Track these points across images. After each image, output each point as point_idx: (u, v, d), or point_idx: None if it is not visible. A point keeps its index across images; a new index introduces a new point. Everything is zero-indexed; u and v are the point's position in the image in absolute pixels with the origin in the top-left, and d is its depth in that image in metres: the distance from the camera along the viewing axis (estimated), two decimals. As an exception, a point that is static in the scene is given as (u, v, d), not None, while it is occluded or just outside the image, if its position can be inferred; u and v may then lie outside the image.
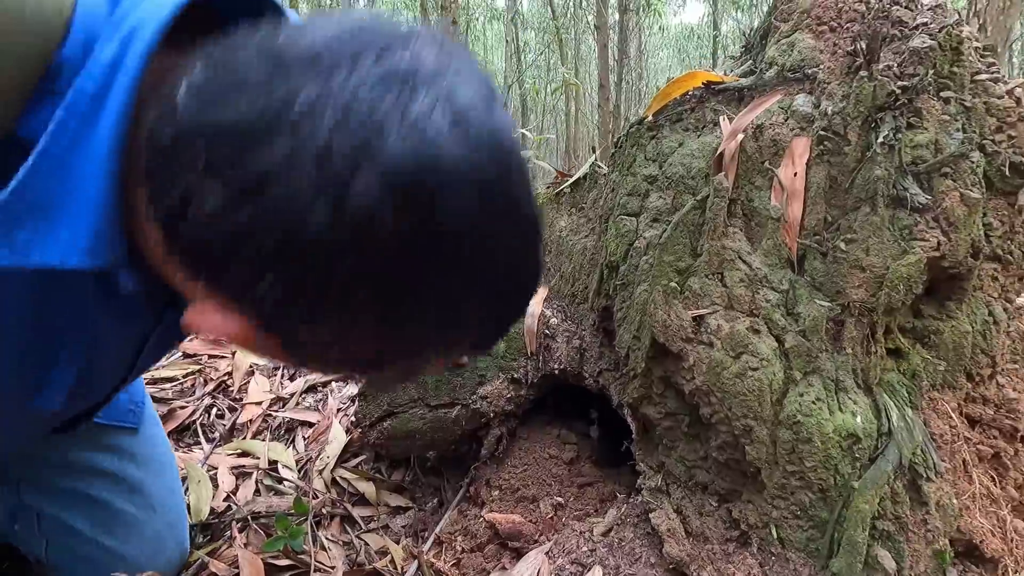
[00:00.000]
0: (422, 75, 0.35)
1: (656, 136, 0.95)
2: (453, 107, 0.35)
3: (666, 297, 0.83)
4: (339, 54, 0.35)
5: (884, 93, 0.75)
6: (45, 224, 0.41)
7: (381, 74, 0.35)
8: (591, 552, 0.91)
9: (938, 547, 0.71)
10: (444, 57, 0.38)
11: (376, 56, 0.35)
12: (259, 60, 0.36)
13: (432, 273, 0.37)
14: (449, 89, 0.36)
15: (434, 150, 0.34)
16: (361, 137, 0.33)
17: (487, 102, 0.37)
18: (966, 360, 0.79)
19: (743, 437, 0.77)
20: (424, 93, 0.35)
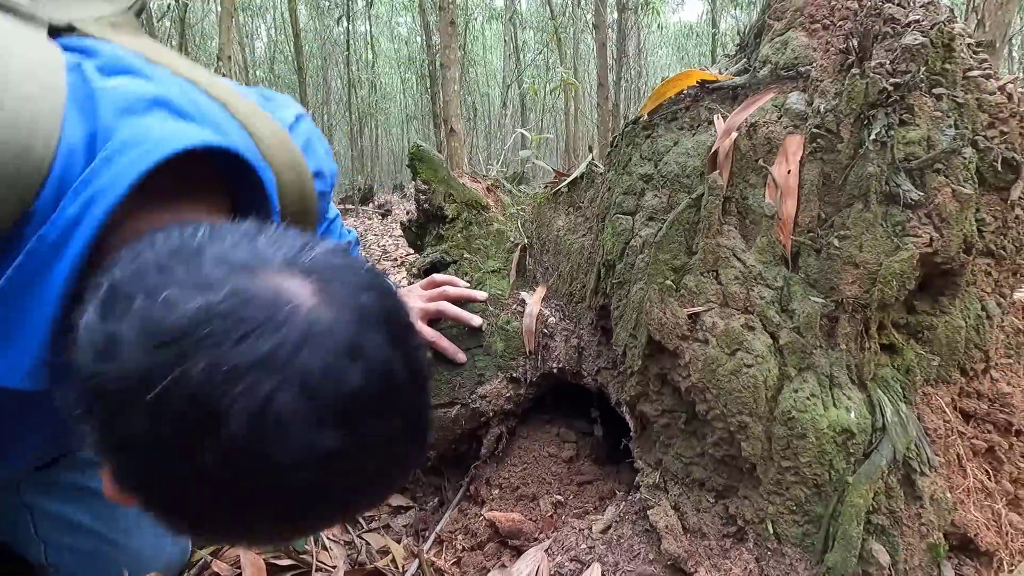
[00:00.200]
0: (271, 360, 0.39)
1: (651, 135, 0.96)
2: (298, 390, 0.39)
3: (662, 295, 0.84)
4: (199, 338, 0.39)
5: (876, 90, 0.76)
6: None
7: (232, 362, 0.38)
8: (590, 549, 0.92)
9: (932, 541, 0.72)
10: (307, 320, 0.41)
11: (233, 344, 0.39)
12: (135, 326, 0.40)
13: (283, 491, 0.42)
14: (297, 370, 0.39)
15: (269, 438, 0.39)
16: (202, 423, 0.38)
17: (346, 356, 0.41)
18: (960, 355, 0.80)
19: (738, 433, 0.77)
20: (270, 378, 0.39)
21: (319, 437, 0.40)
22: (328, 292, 0.43)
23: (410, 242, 1.48)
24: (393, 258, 4.31)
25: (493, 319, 1.13)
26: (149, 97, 0.56)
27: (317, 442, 0.40)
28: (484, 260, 1.24)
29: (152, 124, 0.53)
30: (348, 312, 0.43)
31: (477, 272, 1.22)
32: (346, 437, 0.41)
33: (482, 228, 1.28)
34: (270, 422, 0.38)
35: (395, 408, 0.44)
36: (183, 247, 0.44)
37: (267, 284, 0.42)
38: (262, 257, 0.44)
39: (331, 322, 0.42)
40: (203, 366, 0.38)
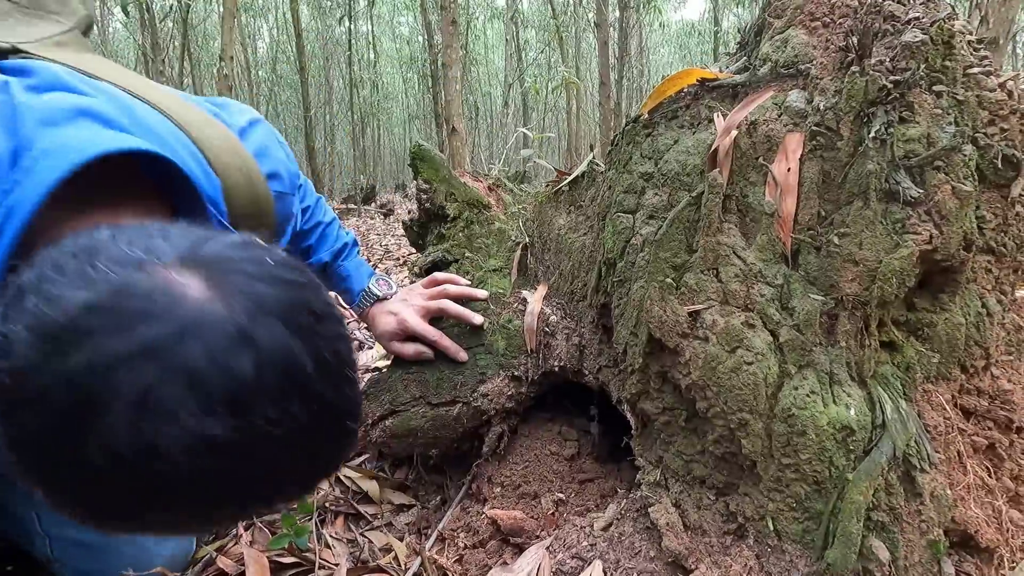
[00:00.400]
0: (152, 350, 0.39)
1: (652, 133, 0.96)
2: (183, 380, 0.39)
3: (662, 293, 0.84)
4: (79, 332, 0.40)
5: (876, 88, 0.76)
6: None
7: (112, 354, 0.39)
8: (591, 547, 0.92)
9: (932, 537, 0.72)
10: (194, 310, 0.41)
11: (112, 335, 0.39)
12: (24, 324, 0.41)
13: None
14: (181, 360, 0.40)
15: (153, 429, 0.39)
16: (84, 415, 0.39)
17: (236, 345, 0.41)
18: (960, 352, 0.80)
19: (739, 431, 0.78)
20: (151, 368, 0.39)
21: (205, 425, 0.40)
22: (220, 283, 0.43)
23: (412, 241, 1.48)
24: (395, 257, 4.32)
25: (495, 318, 1.13)
26: (74, 108, 0.57)
27: (202, 430, 0.40)
28: (486, 259, 1.25)
29: (73, 132, 0.55)
30: (241, 301, 0.43)
31: (479, 271, 1.22)
32: (235, 426, 0.41)
33: (483, 227, 1.29)
34: (151, 411, 0.39)
35: (298, 398, 0.43)
36: (83, 248, 0.45)
37: (153, 278, 0.42)
38: (155, 253, 0.44)
39: (219, 311, 0.42)
40: (83, 359, 0.39)
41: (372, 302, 1.16)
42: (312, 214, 1.12)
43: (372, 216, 8.43)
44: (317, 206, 1.14)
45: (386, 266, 3.81)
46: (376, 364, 1.74)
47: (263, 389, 0.42)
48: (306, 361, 0.44)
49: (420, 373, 1.10)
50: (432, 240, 1.36)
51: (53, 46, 0.71)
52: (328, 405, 0.46)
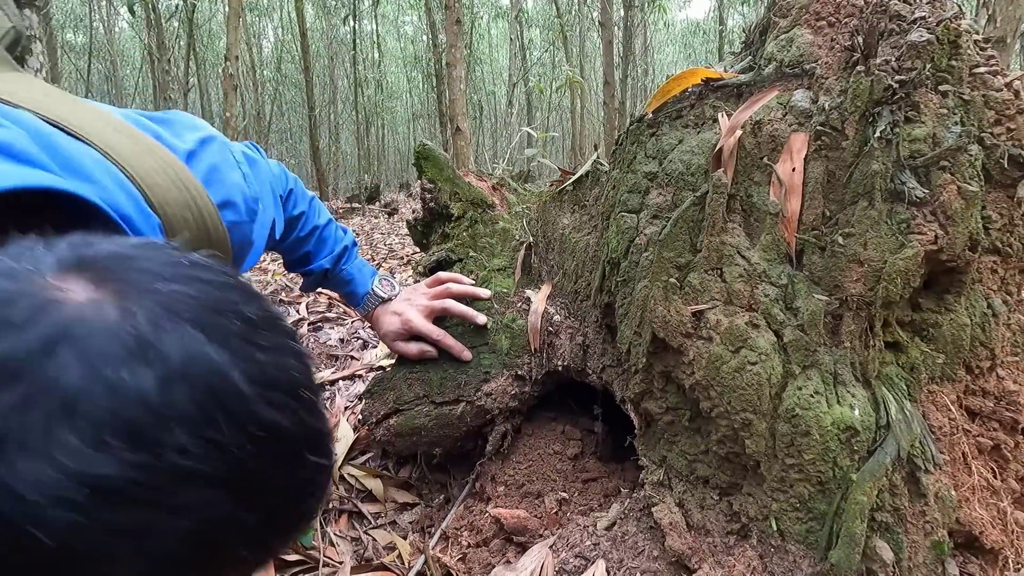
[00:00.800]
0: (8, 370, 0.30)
1: (656, 133, 0.96)
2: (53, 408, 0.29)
3: (666, 293, 0.84)
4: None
5: (881, 88, 0.76)
6: None
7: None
8: (595, 546, 0.92)
9: (936, 538, 0.72)
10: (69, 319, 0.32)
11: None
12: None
13: None
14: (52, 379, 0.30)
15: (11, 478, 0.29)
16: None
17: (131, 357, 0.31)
18: (965, 353, 0.80)
19: (742, 431, 0.77)
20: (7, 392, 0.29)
21: (91, 463, 0.29)
22: (114, 284, 0.34)
23: (416, 240, 1.49)
24: (399, 257, 4.32)
25: (498, 317, 1.13)
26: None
27: (87, 469, 0.29)
28: (489, 258, 1.25)
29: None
30: (140, 303, 0.33)
31: (482, 270, 1.22)
32: (136, 462, 0.30)
33: (487, 226, 1.29)
34: (11, 448, 0.28)
35: (227, 424, 0.33)
36: None
37: (19, 284, 0.32)
38: (28, 259, 0.35)
39: (107, 315, 0.32)
40: None
41: (377, 303, 1.16)
42: (306, 220, 1.08)
43: (376, 215, 8.45)
44: (311, 209, 1.09)
45: (390, 265, 3.82)
46: (380, 363, 1.75)
47: (174, 412, 0.31)
48: (235, 376, 0.34)
49: (424, 372, 1.11)
50: (436, 239, 1.36)
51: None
52: (277, 433, 0.35)
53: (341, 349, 1.92)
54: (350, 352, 1.90)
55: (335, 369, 1.75)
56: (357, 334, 2.06)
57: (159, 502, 0.31)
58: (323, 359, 1.85)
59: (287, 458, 0.37)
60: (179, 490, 0.32)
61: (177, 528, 0.32)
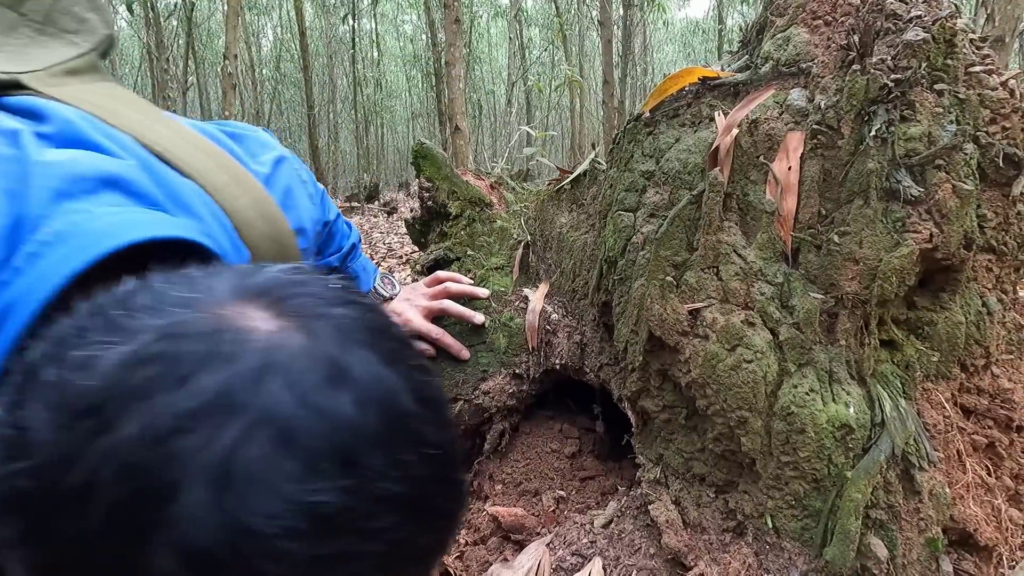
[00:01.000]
0: (226, 402, 0.29)
1: (653, 132, 0.96)
2: (271, 435, 0.29)
3: (662, 291, 0.85)
4: (124, 394, 0.30)
5: (877, 86, 0.76)
6: None
7: (173, 414, 0.29)
8: (591, 544, 0.93)
9: (931, 535, 0.72)
10: (268, 346, 0.32)
11: (171, 392, 0.30)
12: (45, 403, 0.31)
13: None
14: (266, 410, 0.30)
15: (242, 507, 0.28)
16: (147, 505, 0.28)
17: (330, 382, 0.32)
18: (960, 351, 0.80)
19: (738, 428, 0.78)
20: (230, 425, 0.29)
21: (311, 491, 0.29)
22: (293, 310, 0.34)
23: (414, 239, 1.49)
24: (398, 256, 4.33)
25: (496, 316, 1.13)
26: (98, 175, 0.48)
27: (309, 498, 0.29)
28: (487, 257, 1.25)
29: (94, 212, 0.46)
30: (324, 329, 0.34)
31: (480, 269, 1.22)
32: (348, 487, 0.30)
33: (485, 225, 1.29)
34: (240, 483, 0.28)
35: (406, 443, 0.33)
36: (106, 303, 0.35)
37: (207, 315, 0.33)
38: (201, 290, 0.35)
39: (300, 341, 0.33)
40: (133, 429, 0.29)
41: (378, 302, 1.16)
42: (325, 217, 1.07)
43: (375, 214, 8.45)
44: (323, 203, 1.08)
45: (389, 264, 3.82)
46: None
47: (370, 435, 0.32)
48: (406, 397, 0.34)
49: (422, 370, 1.11)
50: (434, 238, 1.36)
51: (64, 75, 0.61)
52: (437, 450, 0.35)
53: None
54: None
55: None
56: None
57: (362, 528, 0.31)
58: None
59: (446, 475, 0.37)
60: (377, 514, 0.32)
61: (371, 553, 0.32)
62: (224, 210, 0.59)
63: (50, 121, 0.53)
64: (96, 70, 0.66)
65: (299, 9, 10.15)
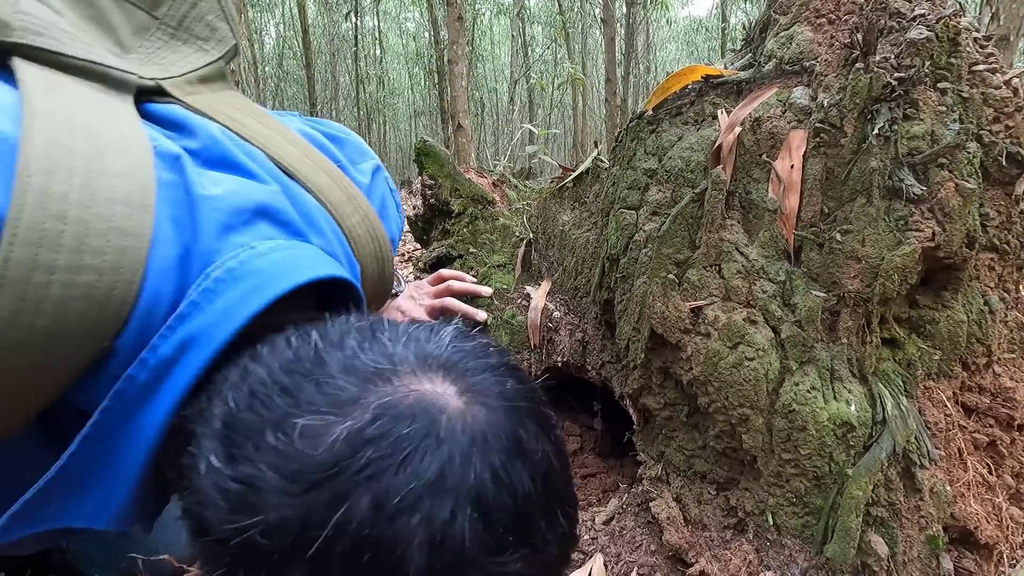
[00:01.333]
0: (442, 481, 0.34)
1: (656, 130, 0.96)
2: (474, 509, 0.34)
3: (664, 289, 0.85)
4: (355, 470, 0.33)
5: (880, 85, 0.76)
6: (74, 496, 0.44)
7: (400, 492, 0.33)
8: (593, 540, 0.93)
9: (931, 533, 0.72)
10: (463, 424, 0.36)
11: (395, 470, 0.34)
12: (275, 467, 0.35)
13: None
14: (470, 486, 0.34)
15: (453, 572, 0.33)
16: (378, 569, 0.33)
17: (512, 458, 0.36)
18: (961, 349, 0.80)
19: (740, 426, 0.78)
20: (445, 502, 0.33)
21: (503, 559, 0.34)
22: (472, 388, 0.38)
23: (416, 237, 1.49)
24: (400, 253, 4.33)
25: (498, 313, 1.14)
26: (253, 207, 0.51)
27: (503, 567, 0.34)
28: (490, 255, 1.25)
29: (258, 248, 0.48)
30: (500, 406, 0.38)
31: (483, 266, 1.23)
32: (527, 556, 0.35)
33: (488, 223, 1.29)
34: (452, 552, 0.33)
35: (559, 508, 0.38)
36: (298, 359, 0.39)
37: (409, 392, 0.36)
38: (392, 359, 0.39)
39: (489, 421, 0.37)
40: (368, 502, 0.32)
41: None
42: None
43: (377, 212, 8.42)
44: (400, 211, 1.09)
45: (391, 262, 3.81)
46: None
47: (539, 505, 0.36)
48: (557, 460, 0.39)
49: (424, 367, 1.11)
50: (437, 236, 1.37)
51: (198, 82, 0.62)
52: (570, 513, 0.40)
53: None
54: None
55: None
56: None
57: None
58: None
59: (574, 517, 0.42)
60: (544, 568, 0.37)
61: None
62: (340, 228, 0.61)
63: (196, 136, 0.54)
64: (223, 78, 0.67)
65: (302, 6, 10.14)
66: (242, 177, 0.54)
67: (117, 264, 0.41)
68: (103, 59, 0.53)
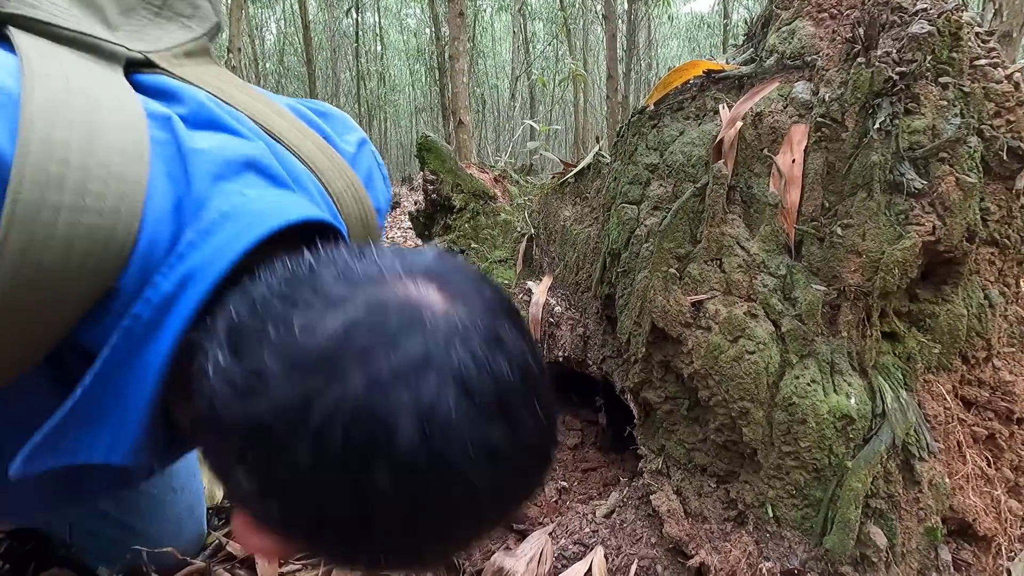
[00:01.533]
0: (427, 361, 0.38)
1: (657, 125, 0.97)
2: (458, 387, 0.38)
3: (666, 283, 0.85)
4: (350, 354, 0.38)
5: (881, 79, 0.76)
6: (89, 431, 0.48)
7: (390, 370, 0.37)
8: (593, 533, 0.93)
9: (930, 525, 0.72)
10: (446, 317, 0.40)
11: (385, 352, 0.38)
12: (278, 356, 0.38)
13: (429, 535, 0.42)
14: (454, 368, 0.38)
15: (442, 441, 0.37)
16: (374, 437, 0.36)
17: (491, 347, 0.40)
18: (961, 343, 0.80)
19: (740, 419, 0.78)
20: (431, 379, 0.38)
21: (486, 432, 0.38)
22: (454, 291, 0.42)
23: (418, 232, 1.50)
24: (402, 250, 4.32)
25: (500, 307, 1.14)
26: (242, 159, 0.54)
27: (486, 438, 0.38)
28: (491, 250, 1.26)
29: (248, 194, 0.52)
30: (480, 306, 0.42)
31: (484, 262, 1.23)
32: (507, 431, 0.39)
33: (489, 218, 1.30)
34: (440, 423, 0.37)
35: (536, 399, 0.42)
36: (295, 274, 0.43)
37: (396, 292, 0.41)
38: (381, 268, 0.43)
39: (469, 317, 0.41)
40: (362, 380, 0.37)
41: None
42: None
43: (379, 209, 8.43)
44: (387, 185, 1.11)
45: (392, 258, 3.81)
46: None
47: (519, 391, 0.41)
48: (534, 361, 0.43)
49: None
50: (438, 231, 1.37)
51: (183, 56, 0.64)
52: (551, 405, 0.45)
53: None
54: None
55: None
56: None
57: (516, 460, 0.41)
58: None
59: (552, 417, 0.46)
60: (524, 450, 0.41)
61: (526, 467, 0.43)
62: (326, 191, 0.64)
63: (184, 103, 0.57)
64: (207, 53, 0.70)
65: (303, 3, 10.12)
66: (230, 135, 0.56)
67: (116, 208, 0.44)
68: (93, 31, 0.56)
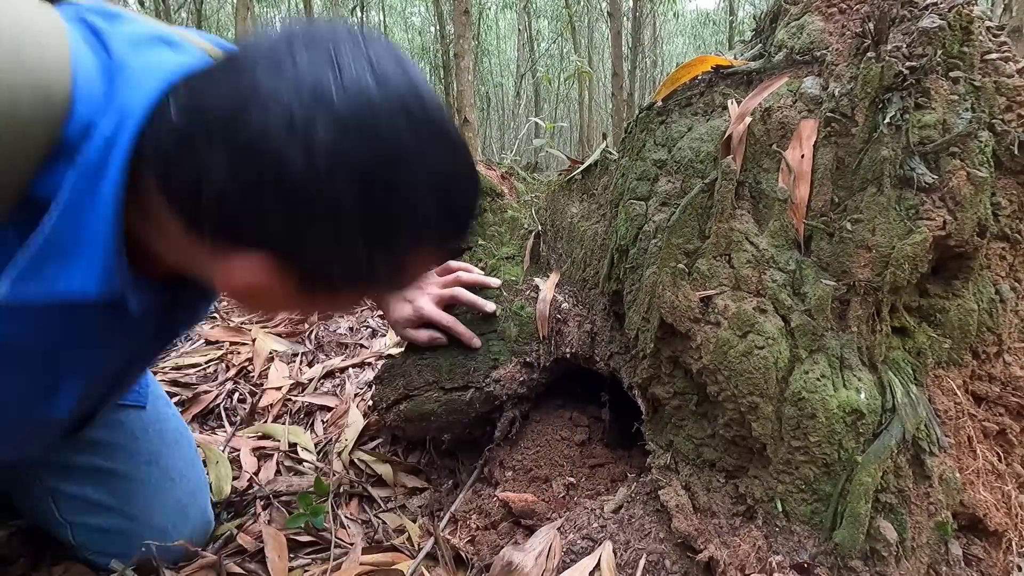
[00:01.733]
0: (346, 53, 0.49)
1: (665, 121, 0.97)
2: (375, 68, 0.49)
3: (674, 279, 0.85)
4: (281, 52, 0.48)
5: (891, 74, 0.76)
6: (64, 264, 0.54)
7: (316, 59, 0.48)
8: (602, 528, 0.94)
9: (940, 519, 0.72)
10: (358, 41, 0.51)
11: (307, 47, 0.49)
12: (224, 68, 0.50)
13: (386, 181, 0.50)
14: (369, 56, 0.50)
15: (367, 97, 0.48)
16: (313, 100, 0.46)
17: (398, 61, 0.52)
18: (972, 338, 0.80)
19: (749, 414, 0.78)
20: (351, 63, 0.48)
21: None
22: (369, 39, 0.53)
23: (425, 229, 1.50)
24: (407, 248, 4.33)
25: (507, 305, 1.14)
26: (155, 36, 0.61)
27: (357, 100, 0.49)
28: (498, 247, 1.26)
29: (162, 54, 0.59)
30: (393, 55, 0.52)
31: (491, 258, 1.23)
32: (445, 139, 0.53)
33: (496, 215, 1.30)
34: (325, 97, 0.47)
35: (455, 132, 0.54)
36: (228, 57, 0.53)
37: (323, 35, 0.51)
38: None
39: (384, 48, 0.52)
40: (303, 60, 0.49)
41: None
42: None
43: (384, 207, 8.43)
44: None
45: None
46: (389, 351, 1.76)
47: (423, 93, 0.52)
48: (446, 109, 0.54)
49: (434, 359, 1.12)
50: (445, 228, 1.37)
51: None
52: (466, 154, 0.56)
53: (350, 337, 1.94)
54: (359, 340, 1.92)
55: (344, 356, 1.77)
56: (366, 323, 2.08)
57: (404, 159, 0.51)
58: (332, 347, 1.87)
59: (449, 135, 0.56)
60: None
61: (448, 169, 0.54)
62: None
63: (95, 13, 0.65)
64: None
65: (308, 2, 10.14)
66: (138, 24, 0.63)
67: (49, 68, 0.50)
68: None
